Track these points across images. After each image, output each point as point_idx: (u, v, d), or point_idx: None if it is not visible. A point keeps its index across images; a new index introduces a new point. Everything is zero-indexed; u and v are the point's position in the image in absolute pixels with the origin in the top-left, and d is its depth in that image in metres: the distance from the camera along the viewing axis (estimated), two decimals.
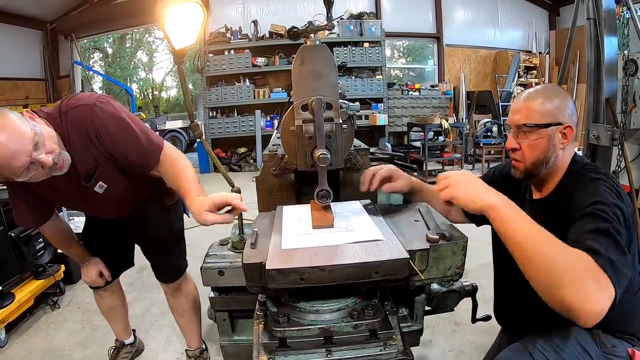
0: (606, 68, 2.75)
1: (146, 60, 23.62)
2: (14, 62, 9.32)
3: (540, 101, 1.44)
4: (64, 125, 1.68)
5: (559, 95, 1.47)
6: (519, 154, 1.49)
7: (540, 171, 1.47)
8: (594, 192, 1.27)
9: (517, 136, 1.49)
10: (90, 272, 2.23)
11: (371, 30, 9.53)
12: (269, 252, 1.19)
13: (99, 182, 1.87)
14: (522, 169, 1.50)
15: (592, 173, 1.37)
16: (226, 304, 1.67)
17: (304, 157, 1.48)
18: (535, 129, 1.43)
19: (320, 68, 1.48)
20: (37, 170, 1.56)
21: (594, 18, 2.75)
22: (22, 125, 1.48)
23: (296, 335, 1.19)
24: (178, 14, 1.40)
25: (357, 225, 1.38)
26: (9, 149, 1.44)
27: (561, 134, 1.43)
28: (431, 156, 8.04)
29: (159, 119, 15.74)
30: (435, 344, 2.77)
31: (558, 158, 1.45)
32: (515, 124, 1.48)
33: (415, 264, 1.18)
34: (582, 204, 1.26)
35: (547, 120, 1.42)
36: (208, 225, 1.56)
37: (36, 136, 1.50)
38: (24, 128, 1.48)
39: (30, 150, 1.48)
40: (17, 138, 1.45)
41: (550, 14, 11.37)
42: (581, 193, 1.31)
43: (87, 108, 1.68)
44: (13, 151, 1.45)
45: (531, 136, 1.45)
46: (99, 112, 1.68)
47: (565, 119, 1.43)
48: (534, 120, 1.43)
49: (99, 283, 2.28)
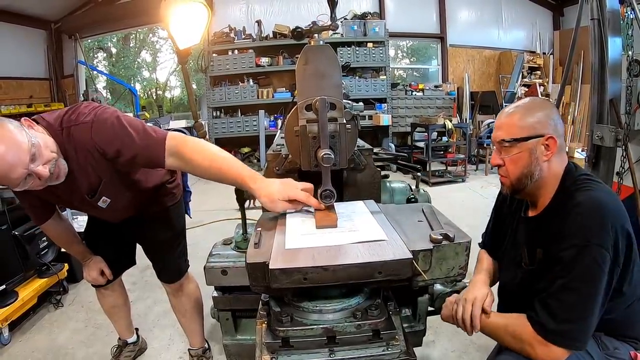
0: (610, 69, 2.75)
1: (150, 60, 23.64)
2: (18, 61, 9.33)
3: (520, 115, 1.45)
4: (65, 140, 1.68)
5: (541, 107, 1.47)
6: (504, 170, 1.51)
7: (525, 185, 1.48)
8: (578, 228, 1.30)
9: (500, 152, 1.50)
10: (92, 270, 2.24)
11: (375, 31, 9.50)
12: (272, 252, 1.19)
13: (103, 197, 1.90)
14: (508, 184, 1.52)
15: (582, 190, 1.38)
16: (229, 304, 1.67)
17: (307, 157, 1.48)
18: (515, 143, 1.44)
19: (324, 68, 1.49)
20: (34, 180, 1.56)
21: (598, 18, 2.75)
22: (19, 136, 1.49)
23: (299, 335, 1.19)
24: (182, 14, 1.41)
25: (360, 225, 1.38)
26: (6, 160, 1.45)
27: (544, 145, 1.43)
28: (434, 157, 8.02)
29: (162, 118, 15.66)
30: (438, 345, 2.77)
31: (543, 171, 1.45)
32: (497, 139, 1.50)
33: (419, 265, 1.18)
34: (563, 240, 1.32)
35: (527, 134, 1.43)
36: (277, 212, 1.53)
37: (33, 147, 1.51)
38: (21, 139, 1.49)
39: (27, 162, 1.49)
40: (14, 150, 1.46)
41: (554, 15, 11.32)
42: (566, 222, 1.34)
43: (85, 127, 1.66)
44: (10, 163, 1.46)
45: (512, 151, 1.45)
46: (95, 127, 1.66)
47: (547, 130, 1.42)
48: (513, 135, 1.44)
49: (100, 281, 2.29)
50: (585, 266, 1.26)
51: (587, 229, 1.28)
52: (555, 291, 1.30)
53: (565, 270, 1.29)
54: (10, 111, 8.67)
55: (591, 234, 1.27)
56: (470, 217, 4.80)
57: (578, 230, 1.29)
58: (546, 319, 1.29)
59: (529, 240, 1.52)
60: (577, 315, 1.28)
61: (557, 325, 1.27)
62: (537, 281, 1.39)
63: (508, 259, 1.66)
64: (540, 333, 1.30)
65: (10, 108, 8.71)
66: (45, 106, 9.66)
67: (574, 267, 1.27)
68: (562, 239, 1.32)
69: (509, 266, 1.65)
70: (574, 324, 1.28)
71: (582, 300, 1.27)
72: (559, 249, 1.31)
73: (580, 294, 1.27)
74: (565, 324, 1.27)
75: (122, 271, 2.48)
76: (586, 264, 1.26)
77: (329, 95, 1.44)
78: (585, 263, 1.26)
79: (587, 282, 1.26)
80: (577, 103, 9.17)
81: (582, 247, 1.26)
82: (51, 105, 9.87)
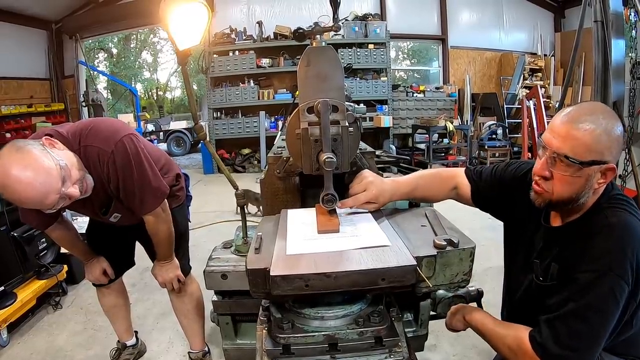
0: (613, 71, 2.73)
1: (151, 60, 23.67)
2: (19, 61, 9.34)
3: (595, 133, 1.19)
4: (82, 157, 1.70)
5: (615, 125, 1.22)
6: (548, 184, 1.29)
7: (566, 206, 1.31)
8: (602, 252, 1.19)
9: (554, 163, 1.25)
10: (94, 270, 2.25)
11: (376, 32, 9.50)
12: (273, 258, 1.16)
13: (114, 214, 1.99)
14: (546, 200, 1.32)
15: (616, 210, 1.26)
16: (229, 308, 1.65)
17: (309, 161, 1.46)
18: (580, 165, 1.21)
19: (326, 70, 1.46)
20: (65, 201, 1.60)
21: (601, 20, 2.73)
22: (46, 162, 1.50)
23: (300, 342, 1.17)
24: (182, 14, 1.39)
25: (363, 230, 1.36)
26: (38, 189, 1.48)
27: (601, 173, 1.23)
28: (436, 158, 8.02)
29: (163, 119, 15.76)
30: (439, 349, 2.75)
31: (590, 195, 1.28)
32: (555, 151, 1.24)
33: (422, 271, 1.16)
34: (583, 261, 1.21)
35: (593, 157, 1.20)
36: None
37: (62, 170, 1.53)
38: (49, 164, 1.50)
39: (59, 188, 1.52)
40: (44, 176, 1.48)
41: (555, 16, 11.32)
42: (591, 243, 1.22)
43: (105, 154, 1.71)
44: (42, 192, 1.49)
45: (569, 170, 1.22)
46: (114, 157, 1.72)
47: (611, 157, 1.22)
48: (578, 156, 1.19)
49: (103, 281, 2.31)
50: (601, 294, 1.17)
51: (612, 255, 1.17)
52: (564, 315, 1.21)
53: (579, 294, 1.19)
54: (11, 111, 8.68)
55: (615, 262, 1.16)
56: (471, 220, 4.76)
57: (602, 254, 1.18)
58: (550, 343, 1.21)
59: (546, 252, 1.38)
60: (582, 345, 1.20)
61: (560, 350, 1.19)
62: (547, 297, 1.29)
63: (518, 266, 1.54)
64: (540, 355, 1.22)
65: (11, 108, 8.72)
66: (46, 106, 9.67)
67: (588, 293, 1.18)
68: (582, 259, 1.21)
69: (518, 274, 1.54)
70: (576, 353, 1.20)
71: (591, 331, 1.19)
72: (578, 270, 1.21)
73: (590, 324, 1.18)
74: (568, 351, 1.19)
75: (123, 272, 2.50)
76: (602, 293, 1.16)
77: (331, 97, 1.42)
78: (601, 291, 1.17)
79: (599, 312, 1.18)
80: None
81: (602, 274, 1.16)
82: (51, 105, 9.88)
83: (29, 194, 1.48)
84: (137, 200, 1.88)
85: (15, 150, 1.50)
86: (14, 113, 8.82)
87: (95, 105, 8.93)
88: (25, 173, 1.46)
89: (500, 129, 9.20)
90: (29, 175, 1.46)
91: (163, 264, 2.19)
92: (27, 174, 1.46)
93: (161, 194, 1.96)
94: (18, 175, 1.45)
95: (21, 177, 1.46)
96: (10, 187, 1.47)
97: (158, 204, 1.96)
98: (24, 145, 1.52)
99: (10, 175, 1.45)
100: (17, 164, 1.46)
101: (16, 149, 1.50)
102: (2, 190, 1.49)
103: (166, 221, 2.06)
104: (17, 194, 1.49)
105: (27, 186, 1.47)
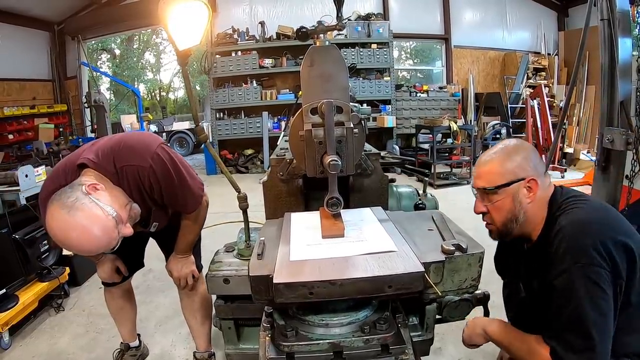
0: (620, 70, 2.68)
1: (154, 61, 23.70)
2: (21, 63, 9.35)
3: (498, 162, 1.46)
4: (120, 179, 1.72)
5: (518, 151, 1.47)
6: (489, 217, 1.51)
7: (513, 229, 1.48)
8: (563, 253, 1.29)
9: (483, 199, 1.51)
10: (106, 267, 2.25)
11: (379, 32, 9.46)
12: (276, 264, 1.14)
13: (154, 223, 2.04)
14: (495, 231, 1.53)
15: (565, 213, 1.38)
16: (232, 312, 1.63)
17: (313, 163, 1.43)
18: (496, 190, 1.44)
19: (330, 70, 1.43)
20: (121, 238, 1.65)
21: (607, 19, 2.69)
22: (101, 214, 1.53)
23: (304, 350, 1.15)
24: (182, 13, 1.36)
25: (368, 234, 1.33)
26: (99, 245, 1.54)
27: (526, 188, 1.43)
28: (439, 159, 7.95)
29: (166, 120, 15.75)
30: (444, 352, 2.72)
31: (528, 212, 1.45)
32: (478, 188, 1.50)
33: (430, 277, 1.13)
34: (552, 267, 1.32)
35: (508, 179, 1.43)
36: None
37: (114, 219, 1.56)
38: (103, 216, 1.53)
39: (116, 236, 1.58)
40: (101, 233, 1.53)
41: (559, 15, 11.26)
42: (552, 250, 1.34)
43: (144, 170, 1.74)
44: (104, 244, 1.55)
45: (495, 198, 1.46)
46: (154, 169, 1.76)
47: (527, 173, 1.43)
48: (494, 183, 1.44)
49: (116, 278, 2.30)
50: (582, 289, 1.23)
51: (572, 251, 1.27)
52: (565, 325, 1.27)
53: (565, 300, 1.27)
54: (13, 112, 8.69)
55: (578, 255, 1.25)
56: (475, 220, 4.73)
57: (563, 255, 1.28)
58: (570, 355, 1.26)
59: (527, 272, 1.54)
60: (596, 340, 1.23)
61: (580, 356, 1.24)
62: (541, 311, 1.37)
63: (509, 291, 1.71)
64: None
65: (14, 109, 8.73)
66: (48, 107, 9.67)
67: (571, 295, 1.25)
68: (551, 266, 1.32)
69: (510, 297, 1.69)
70: (594, 351, 1.24)
71: (595, 324, 1.23)
72: (550, 277, 1.31)
73: (591, 320, 1.23)
74: (587, 352, 1.24)
75: (133, 272, 2.48)
76: (582, 286, 1.24)
77: (335, 98, 1.39)
78: (579, 286, 1.24)
79: (591, 304, 1.23)
80: (582, 104, 9.10)
81: (571, 271, 1.25)
82: (54, 106, 9.88)
83: (92, 249, 1.55)
84: (181, 202, 1.96)
85: (67, 211, 1.48)
86: (16, 114, 8.82)
87: (97, 107, 8.90)
88: (85, 236, 1.49)
89: (504, 128, 9.16)
90: (89, 237, 1.50)
91: (180, 258, 2.21)
92: (86, 236, 1.49)
93: (199, 191, 2.04)
94: (79, 238, 1.49)
95: (82, 240, 1.50)
96: (74, 247, 1.55)
97: (200, 202, 2.05)
98: (72, 204, 1.50)
99: (72, 239, 1.49)
100: (73, 229, 1.48)
101: (67, 210, 1.49)
102: (66, 248, 1.61)
103: (202, 216, 2.16)
104: (81, 251, 1.58)
105: (89, 245, 1.53)
